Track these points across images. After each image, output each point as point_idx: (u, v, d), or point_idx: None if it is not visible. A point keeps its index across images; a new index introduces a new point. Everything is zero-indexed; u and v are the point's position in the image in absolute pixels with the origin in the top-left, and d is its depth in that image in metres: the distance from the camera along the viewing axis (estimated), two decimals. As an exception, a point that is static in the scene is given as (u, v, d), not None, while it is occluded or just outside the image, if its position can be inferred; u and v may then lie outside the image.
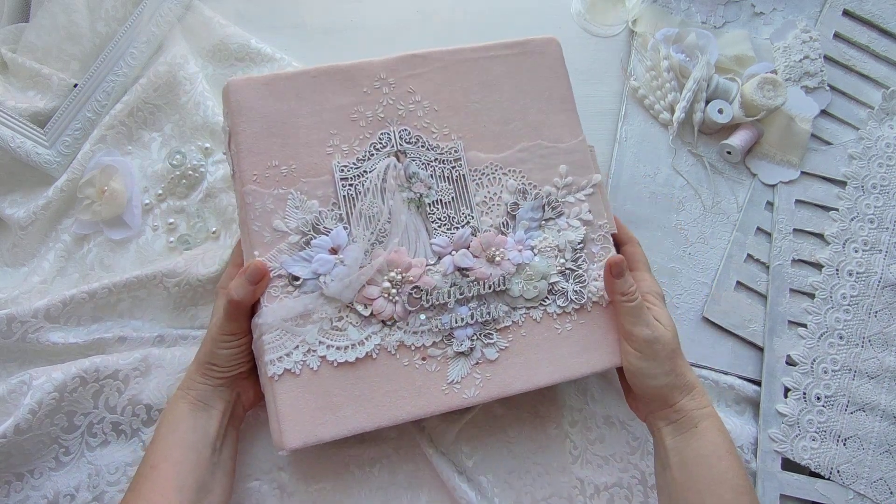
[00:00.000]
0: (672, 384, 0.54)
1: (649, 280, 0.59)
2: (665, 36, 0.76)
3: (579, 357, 0.56)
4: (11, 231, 0.69)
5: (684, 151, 0.75)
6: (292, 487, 0.61)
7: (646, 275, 0.60)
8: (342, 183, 0.55)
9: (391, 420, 0.52)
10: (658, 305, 0.57)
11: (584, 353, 0.56)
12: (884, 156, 0.74)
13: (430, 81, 0.58)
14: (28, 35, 0.71)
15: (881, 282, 0.70)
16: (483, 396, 0.54)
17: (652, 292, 0.58)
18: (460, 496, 0.59)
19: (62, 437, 0.60)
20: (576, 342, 0.56)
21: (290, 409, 0.51)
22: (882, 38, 0.79)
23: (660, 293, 0.59)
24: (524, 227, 0.57)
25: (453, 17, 0.79)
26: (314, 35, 0.77)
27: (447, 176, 0.57)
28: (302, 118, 0.55)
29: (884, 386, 0.67)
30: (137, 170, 0.70)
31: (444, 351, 0.54)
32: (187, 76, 0.71)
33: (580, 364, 0.56)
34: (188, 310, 0.66)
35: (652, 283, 0.59)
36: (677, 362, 0.55)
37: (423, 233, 0.56)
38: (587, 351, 0.56)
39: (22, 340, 0.62)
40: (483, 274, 0.55)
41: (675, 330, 0.56)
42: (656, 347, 0.54)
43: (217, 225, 0.68)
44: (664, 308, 0.57)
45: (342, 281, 0.53)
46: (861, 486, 0.64)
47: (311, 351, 0.52)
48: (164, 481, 0.51)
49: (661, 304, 0.58)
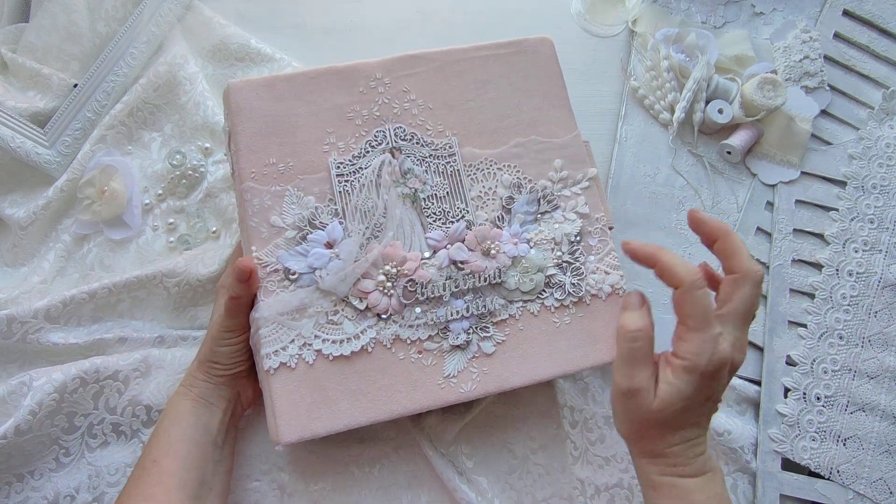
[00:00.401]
0: (633, 441, 0.50)
1: (713, 347, 0.45)
2: (665, 36, 0.76)
3: (578, 350, 0.56)
4: (11, 231, 0.69)
5: (684, 151, 0.75)
6: (292, 487, 0.61)
7: (710, 333, 0.45)
8: (338, 179, 0.55)
9: (387, 414, 0.52)
10: (676, 378, 0.46)
11: (583, 347, 0.56)
12: (884, 156, 0.74)
13: (424, 80, 0.59)
14: (28, 35, 0.71)
15: (881, 282, 0.70)
16: (480, 391, 0.54)
17: (689, 357, 0.46)
18: (461, 497, 0.59)
19: (62, 438, 0.60)
20: (574, 335, 0.56)
21: (285, 402, 0.51)
22: (882, 38, 0.79)
23: (708, 369, 0.45)
24: (519, 220, 0.57)
25: (453, 17, 0.79)
26: (314, 35, 0.77)
27: (442, 171, 0.57)
28: (299, 118, 0.56)
29: (884, 386, 0.67)
30: (137, 170, 0.70)
31: (439, 344, 0.54)
32: (187, 76, 0.71)
33: (579, 357, 0.56)
34: (188, 310, 0.66)
35: (707, 350, 0.45)
36: (650, 432, 0.48)
37: (417, 227, 0.56)
38: (586, 344, 0.56)
39: (22, 341, 0.62)
40: (478, 267, 0.55)
41: (672, 410, 0.46)
42: (626, 403, 0.48)
43: (217, 225, 0.68)
44: (686, 381, 0.46)
45: (337, 275, 0.53)
46: (861, 486, 0.64)
47: (306, 345, 0.52)
48: (166, 477, 0.51)
49: (688, 376, 0.46)
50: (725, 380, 0.47)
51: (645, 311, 0.50)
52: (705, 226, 0.51)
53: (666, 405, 0.46)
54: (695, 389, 0.46)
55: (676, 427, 0.47)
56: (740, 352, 0.47)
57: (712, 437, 0.64)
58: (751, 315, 0.48)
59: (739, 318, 0.47)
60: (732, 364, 0.47)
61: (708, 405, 0.48)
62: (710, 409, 0.49)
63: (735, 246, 0.49)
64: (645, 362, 0.48)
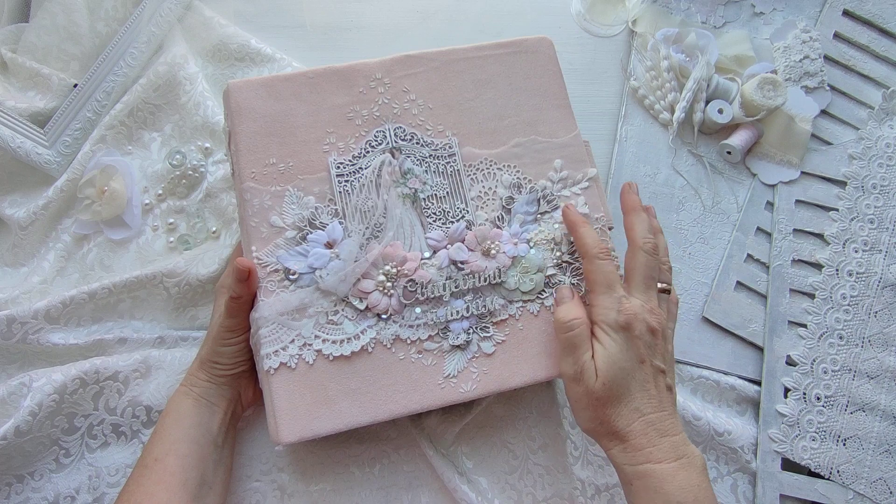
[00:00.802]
0: (597, 431, 0.51)
1: (618, 304, 0.50)
2: (665, 36, 0.76)
3: None
4: (11, 231, 0.69)
5: (684, 151, 0.75)
6: (292, 488, 0.61)
7: (614, 296, 0.51)
8: (338, 179, 0.55)
9: (387, 414, 0.52)
10: (602, 342, 0.50)
11: None
12: (884, 156, 0.74)
13: (424, 81, 0.59)
14: (28, 35, 0.71)
15: (881, 282, 0.70)
16: (480, 391, 0.54)
17: (600, 317, 0.50)
18: (461, 497, 0.59)
19: (62, 438, 0.60)
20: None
21: (285, 403, 0.51)
22: (882, 38, 0.79)
23: (619, 322, 0.49)
24: (519, 220, 0.57)
25: (453, 17, 0.79)
26: (314, 35, 0.77)
27: (442, 171, 0.57)
28: (299, 118, 0.56)
29: (884, 386, 0.67)
30: (137, 170, 0.70)
31: (440, 344, 0.54)
32: (187, 76, 0.71)
33: None
34: (188, 310, 0.66)
35: (613, 307, 0.50)
36: (605, 412, 0.49)
37: (417, 227, 0.56)
38: None
39: (22, 342, 0.62)
40: (478, 267, 0.55)
41: (613, 378, 0.49)
42: (577, 390, 0.50)
43: (217, 225, 0.68)
44: (610, 342, 0.49)
45: (337, 275, 0.53)
46: (861, 486, 0.64)
47: (306, 345, 0.52)
48: (168, 476, 0.51)
49: (607, 336, 0.50)
50: (646, 338, 0.50)
51: (577, 300, 0.53)
52: (623, 198, 0.57)
53: (603, 372, 0.49)
54: (620, 348, 0.49)
55: (624, 398, 0.49)
56: (650, 313, 0.51)
57: (712, 437, 0.64)
58: (651, 279, 0.52)
59: (641, 283, 0.52)
60: (648, 324, 0.50)
61: (645, 369, 0.49)
62: (655, 377, 0.50)
63: (633, 221, 0.55)
64: (586, 345, 0.50)
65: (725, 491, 0.64)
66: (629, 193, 0.57)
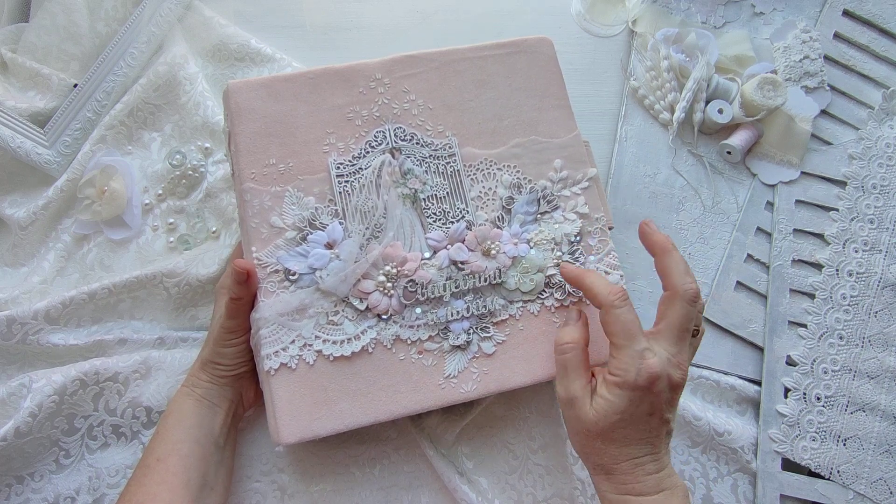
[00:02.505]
0: (583, 454, 0.51)
1: (640, 361, 0.46)
2: (665, 36, 0.76)
3: None
4: (11, 231, 0.69)
5: (684, 151, 0.75)
6: (292, 488, 0.61)
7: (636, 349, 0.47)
8: (338, 180, 0.55)
9: (388, 415, 0.52)
10: (609, 392, 0.47)
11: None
12: (884, 156, 0.74)
13: (424, 81, 0.59)
14: (28, 35, 0.71)
15: (881, 282, 0.70)
16: (481, 391, 0.54)
17: (617, 373, 0.47)
18: (461, 497, 0.59)
19: (62, 439, 0.60)
20: None
21: (285, 403, 0.51)
22: (882, 38, 0.79)
23: (638, 382, 0.46)
24: (519, 220, 0.57)
25: (453, 17, 0.79)
26: (314, 35, 0.77)
27: (442, 171, 0.57)
28: (299, 118, 0.56)
29: (884, 386, 0.67)
30: (137, 170, 0.70)
31: (440, 345, 0.54)
32: (187, 76, 0.71)
33: None
34: (188, 310, 0.66)
35: (633, 364, 0.46)
36: (595, 444, 0.48)
37: (418, 227, 0.56)
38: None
39: (22, 342, 0.62)
40: (478, 267, 0.55)
41: (611, 424, 0.47)
42: (568, 414, 0.49)
43: (217, 225, 0.68)
44: (619, 395, 0.46)
45: (338, 275, 0.53)
46: (861, 487, 0.64)
47: (307, 345, 0.52)
48: (170, 476, 0.51)
49: (619, 390, 0.46)
50: (665, 395, 0.47)
51: (580, 325, 0.52)
52: (648, 240, 0.52)
53: (601, 417, 0.47)
54: (629, 403, 0.46)
55: (619, 441, 0.48)
56: (677, 368, 0.48)
57: (712, 437, 0.64)
58: (686, 331, 0.49)
59: (674, 335, 0.48)
60: (671, 380, 0.47)
61: (652, 422, 0.47)
62: (659, 427, 0.48)
63: (668, 264, 0.50)
64: (578, 373, 0.49)
65: (725, 491, 0.64)
66: (653, 233, 0.52)
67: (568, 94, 0.62)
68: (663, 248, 0.51)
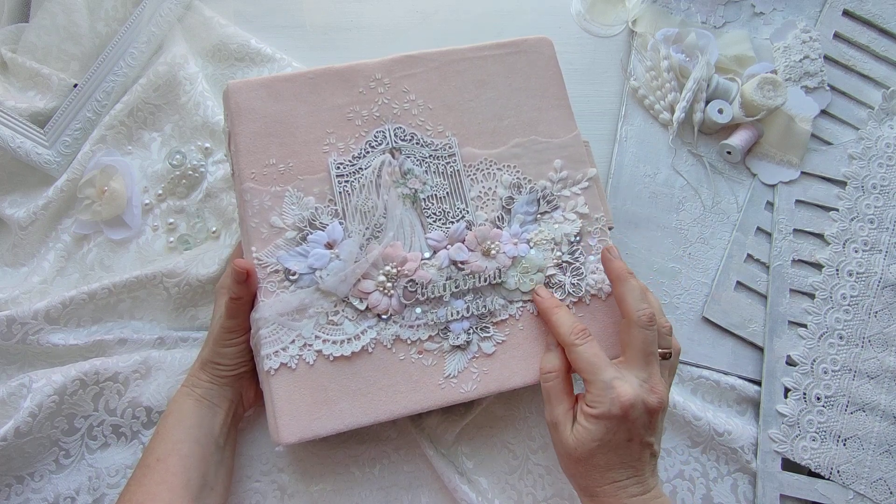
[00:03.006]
0: (568, 475, 0.52)
1: (611, 391, 0.47)
2: (665, 36, 0.76)
3: None
4: (11, 231, 0.69)
5: (684, 151, 0.75)
6: (292, 488, 0.61)
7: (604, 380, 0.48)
8: (338, 179, 0.55)
9: (388, 415, 0.52)
10: (586, 420, 0.48)
11: None
12: (884, 156, 0.74)
13: (424, 81, 0.59)
14: (28, 35, 0.71)
15: (881, 282, 0.70)
16: (481, 391, 0.54)
17: (591, 405, 0.48)
18: (461, 497, 0.59)
19: (62, 439, 0.60)
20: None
21: (285, 403, 0.51)
22: (882, 38, 0.79)
23: (612, 413, 0.47)
24: (519, 220, 0.57)
25: (453, 17, 0.79)
26: (314, 35, 0.77)
27: (442, 171, 0.57)
28: (299, 118, 0.56)
29: (884, 386, 0.67)
30: (137, 170, 0.70)
31: (440, 345, 0.54)
32: (187, 76, 0.71)
33: None
34: (188, 310, 0.66)
35: (605, 395, 0.47)
36: (578, 469, 0.50)
37: (417, 227, 0.56)
38: None
39: (22, 342, 0.62)
40: (478, 267, 0.55)
41: (591, 451, 0.48)
42: (554, 436, 0.51)
43: (217, 225, 0.68)
44: (596, 430, 0.47)
45: (338, 275, 0.53)
46: (861, 487, 0.64)
47: (307, 345, 0.52)
48: (170, 476, 0.51)
49: (595, 420, 0.47)
50: (642, 420, 0.48)
51: (558, 351, 0.53)
52: (606, 267, 0.54)
53: (580, 443, 0.48)
54: (605, 431, 0.48)
55: (601, 467, 0.49)
56: (651, 392, 0.48)
57: (712, 437, 0.64)
58: (650, 354, 0.50)
59: (639, 360, 0.49)
60: (646, 405, 0.48)
61: (633, 447, 0.48)
62: (640, 452, 0.49)
63: (623, 292, 0.52)
64: (559, 398, 0.51)
65: (725, 491, 0.64)
66: (612, 260, 0.54)
67: (568, 94, 0.62)
68: (619, 277, 0.53)
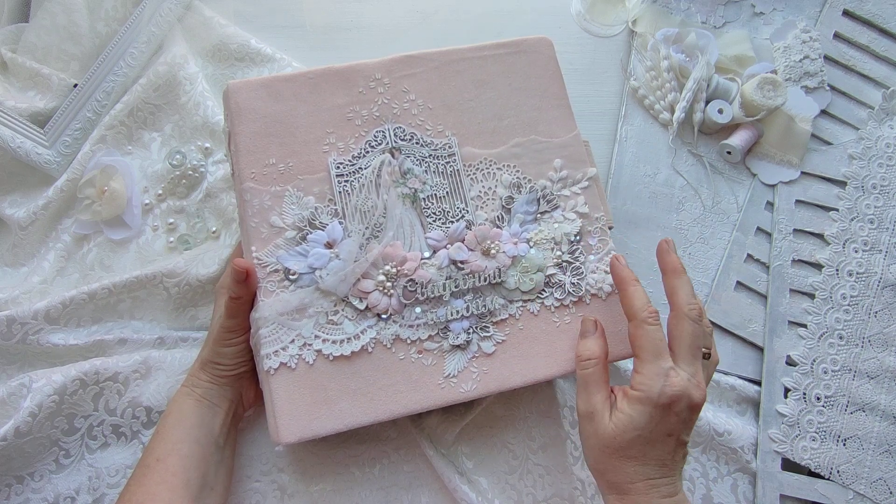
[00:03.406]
0: (599, 472, 0.50)
1: (665, 378, 0.47)
2: (665, 36, 0.76)
3: None
4: (11, 231, 0.69)
5: (684, 151, 0.75)
6: (292, 488, 0.61)
7: (662, 366, 0.47)
8: (338, 179, 0.55)
9: (388, 414, 0.52)
10: (630, 407, 0.47)
11: None
12: (884, 156, 0.74)
13: (424, 81, 0.59)
14: (28, 35, 0.71)
15: (881, 282, 0.70)
16: (480, 390, 0.54)
17: (641, 389, 0.47)
18: (461, 497, 0.59)
19: (62, 439, 0.60)
20: (574, 335, 0.56)
21: (285, 403, 0.51)
22: (882, 38, 0.79)
23: (661, 400, 0.47)
24: (519, 220, 0.57)
25: (453, 17, 0.79)
26: (314, 35, 0.77)
27: (441, 171, 0.57)
28: (299, 118, 0.56)
29: (884, 386, 0.67)
30: (137, 170, 0.70)
31: (440, 344, 0.54)
32: (187, 76, 0.71)
33: None
34: (188, 310, 0.66)
35: (658, 380, 0.47)
36: (612, 462, 0.48)
37: (417, 227, 0.56)
38: None
39: (22, 342, 0.62)
40: (478, 266, 0.55)
41: (629, 441, 0.47)
42: (587, 429, 0.49)
43: (217, 225, 0.68)
44: (640, 411, 0.47)
45: (337, 275, 0.53)
46: (861, 486, 0.64)
47: (306, 345, 0.52)
48: (170, 476, 0.51)
49: (641, 406, 0.47)
50: (684, 415, 0.48)
51: (598, 337, 0.52)
52: (662, 259, 0.53)
53: (619, 431, 0.47)
54: (649, 420, 0.47)
55: (636, 459, 0.48)
56: (697, 388, 0.48)
57: (712, 437, 0.64)
58: (698, 349, 0.49)
59: (688, 354, 0.49)
60: (690, 400, 0.48)
61: (670, 443, 0.48)
62: (675, 449, 0.49)
63: (673, 285, 0.51)
64: (598, 386, 0.50)
65: (725, 491, 0.64)
66: (669, 253, 0.53)
67: (568, 93, 0.62)
68: (674, 270, 0.52)
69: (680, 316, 0.50)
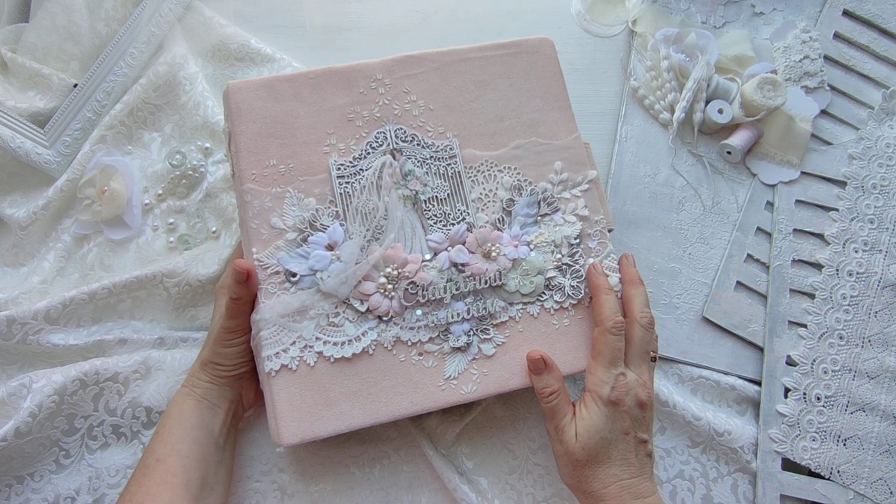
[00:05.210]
0: (574, 487, 0.54)
1: (615, 380, 0.52)
2: (665, 36, 0.75)
3: (577, 352, 0.56)
4: (11, 231, 0.69)
5: (684, 151, 0.75)
6: (292, 488, 0.61)
7: (614, 371, 0.53)
8: (339, 181, 0.55)
9: (388, 416, 0.52)
10: (588, 410, 0.52)
11: (581, 349, 0.56)
12: (884, 156, 0.74)
13: (425, 81, 0.59)
14: (28, 35, 0.71)
15: (881, 282, 0.70)
16: (481, 392, 0.54)
17: (594, 388, 0.53)
18: (461, 497, 0.59)
19: (62, 440, 0.60)
20: (573, 337, 0.56)
21: (286, 404, 0.51)
22: (882, 38, 0.79)
23: (610, 397, 0.52)
24: (520, 222, 0.57)
25: (453, 17, 0.79)
26: (314, 35, 0.77)
27: (442, 173, 0.57)
28: (300, 119, 0.56)
29: (884, 386, 0.67)
30: (137, 170, 0.70)
31: (440, 346, 0.54)
32: (187, 76, 0.71)
33: (578, 359, 0.56)
34: (188, 310, 0.66)
35: (609, 381, 0.52)
36: (583, 472, 0.52)
37: (418, 229, 0.56)
38: (585, 346, 0.56)
39: (22, 342, 0.62)
40: (479, 269, 0.55)
41: (593, 445, 0.51)
42: (557, 448, 0.53)
43: (217, 225, 0.68)
44: (596, 412, 0.52)
45: (338, 277, 0.53)
46: (861, 487, 0.65)
47: (307, 347, 0.52)
48: (170, 476, 0.51)
49: (595, 406, 0.52)
50: (634, 412, 0.53)
51: (551, 369, 0.54)
52: (622, 270, 0.59)
53: (583, 439, 0.52)
54: (605, 419, 0.52)
55: (601, 462, 0.52)
56: (643, 387, 0.53)
57: (712, 437, 0.64)
58: (646, 353, 0.55)
59: (636, 357, 0.54)
60: (638, 397, 0.53)
61: (629, 441, 0.52)
62: (637, 448, 0.53)
63: (630, 294, 0.57)
64: (564, 411, 0.53)
65: (725, 491, 0.64)
66: (628, 266, 0.58)
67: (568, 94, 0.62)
68: (632, 281, 0.57)
69: (632, 322, 0.55)
